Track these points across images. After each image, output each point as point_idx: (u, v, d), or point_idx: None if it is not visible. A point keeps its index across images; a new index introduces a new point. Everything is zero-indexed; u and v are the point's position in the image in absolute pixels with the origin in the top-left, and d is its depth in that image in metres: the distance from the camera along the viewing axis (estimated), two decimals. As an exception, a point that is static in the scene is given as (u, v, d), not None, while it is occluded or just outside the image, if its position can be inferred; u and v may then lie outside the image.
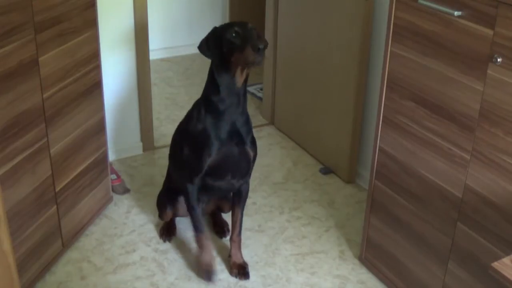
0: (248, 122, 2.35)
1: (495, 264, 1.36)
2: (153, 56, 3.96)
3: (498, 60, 1.74)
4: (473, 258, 2.01)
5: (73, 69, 2.45)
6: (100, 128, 2.75)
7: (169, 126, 3.72)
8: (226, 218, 2.83)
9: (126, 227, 2.84)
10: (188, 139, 2.40)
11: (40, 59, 2.20)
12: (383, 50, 2.20)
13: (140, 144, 3.49)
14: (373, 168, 2.39)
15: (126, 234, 2.79)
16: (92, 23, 2.55)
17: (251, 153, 2.39)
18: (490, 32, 1.75)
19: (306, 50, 3.39)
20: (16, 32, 2.03)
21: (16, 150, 2.13)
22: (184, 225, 2.83)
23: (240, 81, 2.23)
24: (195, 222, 2.47)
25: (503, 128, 1.79)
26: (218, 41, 2.21)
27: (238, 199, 2.53)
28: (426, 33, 1.98)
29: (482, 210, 1.93)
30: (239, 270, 2.53)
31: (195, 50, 2.32)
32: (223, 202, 2.74)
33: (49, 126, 2.32)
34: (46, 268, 2.48)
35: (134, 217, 2.92)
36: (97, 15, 2.58)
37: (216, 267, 2.52)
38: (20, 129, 2.14)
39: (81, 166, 2.62)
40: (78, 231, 2.70)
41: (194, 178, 2.37)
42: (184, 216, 2.73)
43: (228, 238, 2.72)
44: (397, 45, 2.12)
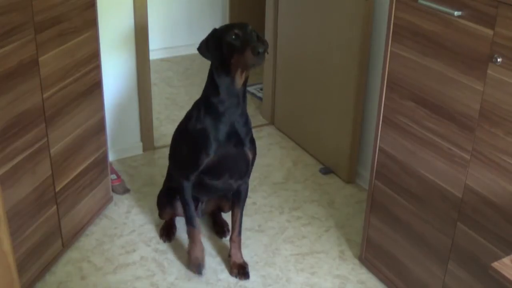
0: (247, 123, 2.35)
1: (495, 264, 1.36)
2: (153, 56, 3.96)
3: (498, 60, 1.74)
4: (473, 258, 2.01)
5: (73, 69, 2.45)
6: (100, 128, 2.75)
7: (169, 126, 3.72)
8: (226, 218, 2.83)
9: (126, 227, 2.84)
10: (187, 138, 2.41)
11: (40, 59, 2.20)
12: (383, 50, 2.20)
13: (140, 144, 3.49)
14: (373, 168, 2.39)
15: (126, 234, 2.79)
16: (92, 23, 2.55)
17: (250, 154, 2.39)
18: (490, 32, 1.75)
19: (306, 50, 3.39)
20: (16, 32, 2.03)
21: (16, 150, 2.13)
22: (184, 225, 2.82)
23: (239, 82, 2.23)
24: (188, 217, 2.50)
25: (503, 128, 1.79)
26: (217, 43, 2.20)
27: (237, 199, 2.53)
28: (426, 33, 1.98)
29: (482, 210, 1.93)
30: (239, 270, 2.53)
31: (195, 50, 2.32)
32: (223, 202, 2.74)
33: (49, 126, 2.32)
34: (46, 268, 2.48)
35: (134, 217, 2.92)
36: (97, 15, 2.58)
37: (204, 261, 2.55)
38: (20, 129, 2.14)
39: (81, 166, 2.62)
40: (78, 231, 2.70)
41: (190, 175, 2.39)
42: (184, 216, 2.73)
43: (228, 238, 2.73)
44: (397, 45, 2.12)
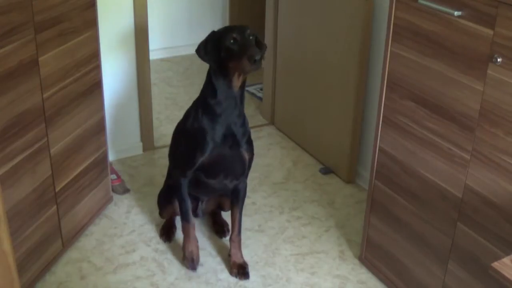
0: (244, 124, 2.36)
1: (495, 264, 1.36)
2: (153, 56, 3.96)
3: (498, 60, 1.74)
4: (473, 258, 2.01)
5: (73, 69, 2.45)
6: (100, 128, 2.75)
7: (169, 126, 3.72)
8: (226, 218, 2.83)
9: (126, 227, 2.84)
10: (184, 136, 2.44)
11: (40, 59, 2.20)
12: (383, 50, 2.20)
13: (140, 144, 3.49)
14: (373, 168, 2.39)
15: (126, 234, 2.79)
16: (92, 23, 2.55)
17: (247, 155, 2.40)
18: (490, 32, 1.75)
19: (306, 50, 3.39)
20: (16, 32, 2.03)
21: (16, 150, 2.13)
22: (184, 225, 2.83)
23: (237, 85, 2.24)
24: (183, 212, 2.51)
25: (503, 128, 1.79)
26: (215, 46, 2.21)
27: (236, 199, 2.54)
28: (426, 33, 1.98)
29: (482, 210, 1.93)
30: (239, 270, 2.53)
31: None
32: (223, 200, 2.74)
33: (49, 126, 2.32)
34: (46, 268, 2.48)
35: (134, 217, 2.92)
36: (97, 15, 2.58)
37: (199, 257, 2.55)
38: (20, 129, 2.14)
39: (81, 166, 2.62)
40: (78, 231, 2.70)
41: (186, 172, 2.41)
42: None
43: (228, 238, 2.73)
44: (397, 45, 2.12)
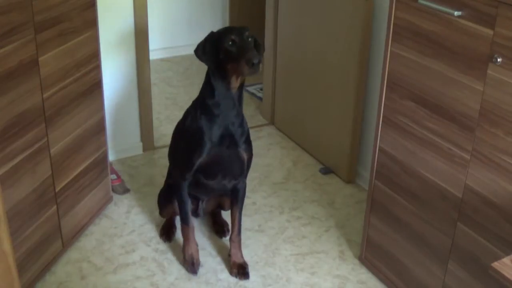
0: (242, 124, 2.36)
1: (495, 264, 1.36)
2: (153, 56, 3.96)
3: (498, 60, 1.74)
4: (473, 258, 2.01)
5: (73, 69, 2.45)
6: (100, 128, 2.75)
7: (169, 126, 3.72)
8: (226, 217, 2.83)
9: (126, 227, 2.84)
10: (182, 137, 2.45)
11: (40, 59, 2.20)
12: (383, 50, 2.20)
13: (140, 144, 3.49)
14: (373, 168, 2.39)
15: (126, 234, 2.79)
16: (92, 23, 2.55)
17: (245, 155, 2.40)
18: (490, 32, 1.75)
19: (306, 50, 3.39)
20: (16, 32, 2.03)
21: (16, 150, 2.13)
22: (184, 225, 2.83)
23: (235, 86, 2.25)
24: (183, 216, 2.52)
25: (503, 128, 1.79)
26: (214, 47, 2.21)
27: (235, 198, 2.54)
28: (426, 33, 1.98)
29: (482, 210, 1.93)
30: (239, 270, 2.53)
31: (195, 51, 2.32)
32: (223, 199, 2.74)
33: (49, 126, 2.32)
34: (46, 268, 2.48)
35: (134, 217, 2.92)
36: (97, 15, 2.58)
37: (199, 259, 2.55)
38: (20, 129, 2.14)
39: (81, 166, 2.62)
40: (78, 231, 2.70)
41: (185, 174, 2.41)
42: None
43: (227, 238, 2.73)
44: (397, 45, 2.12)
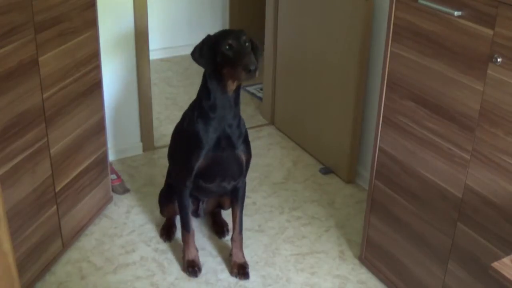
0: (239, 126, 2.36)
1: (495, 264, 1.36)
2: (153, 56, 3.96)
3: (498, 60, 1.74)
4: (473, 258, 2.01)
5: (73, 69, 2.45)
6: (100, 128, 2.75)
7: (169, 126, 3.72)
8: (227, 218, 2.83)
9: (126, 227, 2.84)
10: (181, 139, 2.45)
11: (40, 59, 2.20)
12: (383, 50, 2.20)
13: (140, 144, 3.49)
14: (373, 168, 2.39)
15: (126, 234, 2.79)
16: (92, 23, 2.55)
17: (243, 157, 2.40)
18: (490, 32, 1.75)
19: (306, 50, 3.39)
20: (16, 32, 2.03)
21: (16, 150, 2.13)
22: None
23: (231, 89, 2.25)
24: (184, 222, 2.53)
25: (503, 128, 1.79)
26: (211, 50, 2.21)
27: (235, 198, 2.54)
28: (426, 33, 1.98)
29: (482, 210, 1.93)
30: (239, 270, 2.53)
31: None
32: (223, 199, 2.74)
33: (49, 126, 2.32)
34: (46, 268, 2.48)
35: (134, 217, 2.92)
36: (97, 15, 2.58)
37: (200, 264, 2.56)
38: (20, 129, 2.14)
39: (81, 166, 2.62)
40: (78, 231, 2.70)
41: (185, 181, 2.41)
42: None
43: (227, 238, 2.73)
44: (397, 45, 2.12)
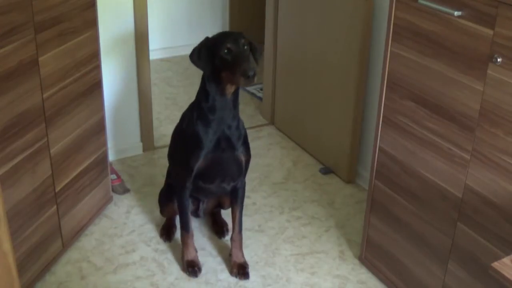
0: (239, 127, 2.36)
1: (495, 264, 1.36)
2: (153, 56, 3.96)
3: (498, 60, 1.74)
4: (473, 258, 2.01)
5: (73, 69, 2.45)
6: (100, 128, 2.75)
7: (169, 126, 3.72)
8: (226, 218, 2.83)
9: (126, 227, 2.84)
10: (180, 141, 2.45)
11: (40, 59, 2.20)
12: (383, 50, 2.20)
13: (140, 144, 3.49)
14: (373, 168, 2.39)
15: (126, 234, 2.79)
16: (92, 23, 2.55)
17: (243, 158, 2.40)
18: (490, 32, 1.75)
19: (306, 50, 3.39)
20: (16, 32, 2.03)
21: (16, 150, 2.13)
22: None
23: (230, 92, 2.25)
24: (183, 222, 2.53)
25: (503, 128, 1.79)
26: (209, 53, 2.21)
27: (235, 198, 2.54)
28: (426, 33, 1.98)
29: (482, 210, 1.93)
30: (239, 270, 2.53)
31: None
32: (223, 198, 2.74)
33: (49, 126, 2.32)
34: (46, 268, 2.48)
35: (134, 217, 2.92)
36: (97, 15, 2.58)
37: (199, 264, 2.56)
38: (20, 129, 2.14)
39: (81, 166, 2.62)
40: (78, 231, 2.70)
41: (185, 182, 2.41)
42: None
43: (227, 238, 2.73)
44: (397, 45, 2.12)
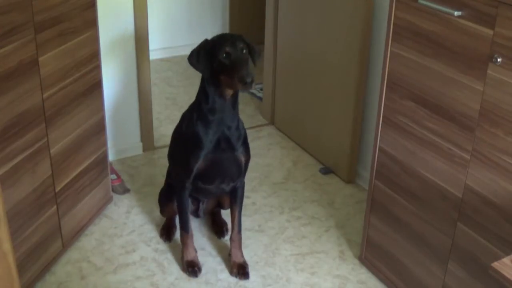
0: (238, 128, 2.36)
1: (495, 264, 1.36)
2: (153, 56, 3.96)
3: (498, 60, 1.74)
4: (473, 258, 2.01)
5: (73, 69, 2.45)
6: (100, 128, 2.75)
7: (169, 126, 3.72)
8: (226, 218, 2.83)
9: (126, 227, 2.84)
10: (180, 141, 2.45)
11: (40, 59, 2.20)
12: (383, 50, 2.20)
13: (140, 144, 3.49)
14: (373, 168, 2.39)
15: (126, 234, 2.79)
16: (92, 23, 2.55)
17: (242, 158, 2.40)
18: (490, 32, 1.75)
19: (306, 50, 3.39)
20: (16, 32, 2.03)
21: (16, 150, 2.13)
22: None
23: (229, 94, 2.24)
24: (183, 223, 2.54)
25: (503, 128, 1.79)
26: (208, 55, 2.20)
27: (234, 198, 2.54)
28: (426, 33, 1.98)
29: (482, 210, 1.93)
30: (239, 270, 2.53)
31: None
32: (223, 198, 2.74)
33: (49, 126, 2.32)
34: (46, 268, 2.48)
35: (134, 217, 2.92)
36: (97, 15, 2.58)
37: (199, 264, 2.56)
38: (20, 129, 2.14)
39: (81, 166, 2.62)
40: (78, 231, 2.70)
41: (185, 182, 2.42)
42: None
43: (227, 238, 2.73)
44: (397, 45, 2.12)
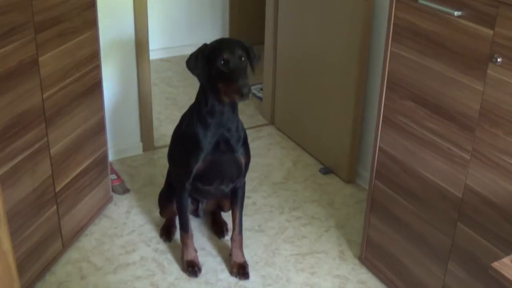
0: (238, 129, 2.36)
1: (495, 264, 1.37)
2: (153, 56, 3.96)
3: (498, 60, 1.74)
4: (473, 258, 2.01)
5: (73, 69, 2.45)
6: (100, 128, 2.75)
7: (169, 126, 3.72)
8: (227, 218, 2.83)
9: (126, 227, 2.84)
10: (180, 142, 2.45)
11: (40, 59, 2.20)
12: (383, 50, 2.21)
13: (140, 144, 3.49)
14: (373, 168, 2.39)
15: (126, 234, 2.79)
16: (92, 23, 2.55)
17: (242, 159, 2.40)
18: (490, 32, 1.75)
19: (306, 50, 3.39)
20: (16, 32, 2.03)
21: (16, 150, 2.13)
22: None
23: (226, 100, 2.23)
24: (182, 223, 2.54)
25: (503, 128, 1.79)
26: (205, 61, 2.20)
27: (235, 198, 2.54)
28: (426, 33, 1.98)
29: (482, 210, 1.93)
30: (239, 270, 2.53)
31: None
32: (223, 201, 2.74)
33: (49, 126, 2.32)
34: (46, 268, 2.48)
35: (134, 217, 2.92)
36: (97, 15, 2.59)
37: (199, 264, 2.56)
38: (20, 129, 2.14)
39: (81, 166, 2.62)
40: (78, 231, 2.70)
41: (184, 183, 2.42)
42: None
43: (227, 238, 2.73)
44: (397, 45, 2.12)
